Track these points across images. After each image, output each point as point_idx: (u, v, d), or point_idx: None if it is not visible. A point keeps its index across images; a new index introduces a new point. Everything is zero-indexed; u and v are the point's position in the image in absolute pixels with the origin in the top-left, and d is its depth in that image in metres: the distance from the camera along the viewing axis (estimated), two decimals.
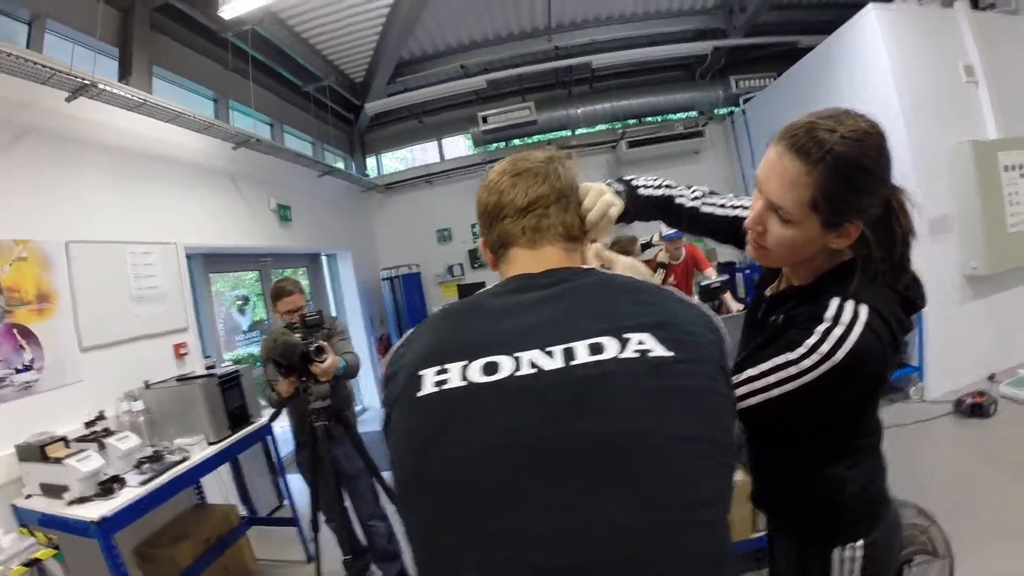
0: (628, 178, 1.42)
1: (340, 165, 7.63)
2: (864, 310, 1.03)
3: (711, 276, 5.53)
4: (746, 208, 1.30)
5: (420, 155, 9.71)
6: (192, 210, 4.82)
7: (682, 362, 0.82)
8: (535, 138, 8.86)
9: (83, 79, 3.30)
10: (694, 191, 1.47)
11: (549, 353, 0.81)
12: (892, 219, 1.07)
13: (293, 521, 3.99)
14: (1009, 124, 5.24)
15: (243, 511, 4.39)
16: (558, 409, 0.77)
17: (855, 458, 1.19)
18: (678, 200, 1.45)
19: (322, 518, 3.18)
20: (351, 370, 3.16)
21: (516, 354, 0.82)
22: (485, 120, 7.93)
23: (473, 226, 8.92)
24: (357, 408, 6.91)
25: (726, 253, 8.03)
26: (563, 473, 0.74)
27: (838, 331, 1.02)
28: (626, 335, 0.82)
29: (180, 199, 4.67)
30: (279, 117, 6.79)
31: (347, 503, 3.33)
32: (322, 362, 2.84)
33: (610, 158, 8.85)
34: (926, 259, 4.76)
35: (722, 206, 1.42)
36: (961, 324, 5.00)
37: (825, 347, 1.02)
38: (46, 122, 3.47)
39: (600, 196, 1.16)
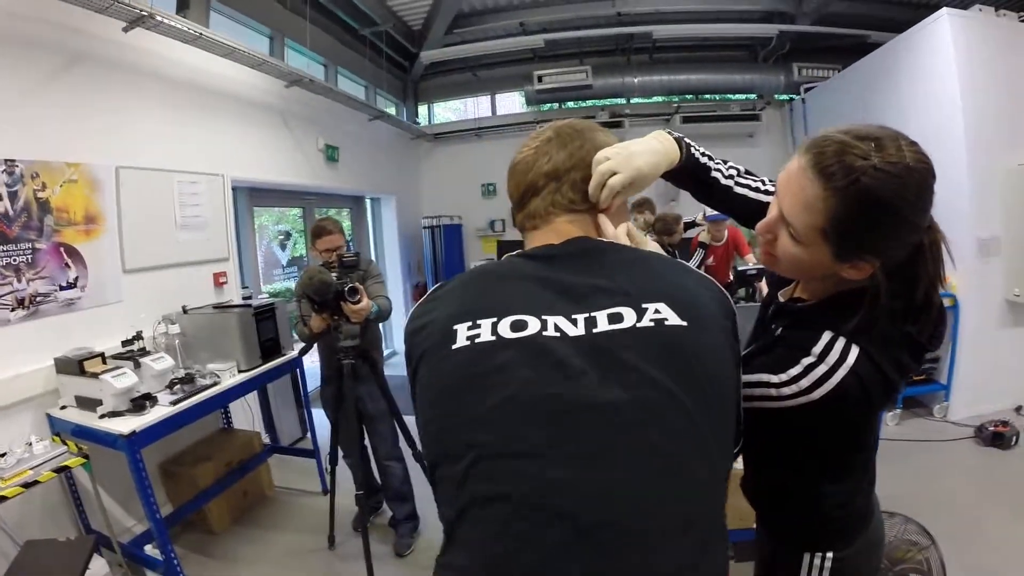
0: (680, 136, 1.30)
1: (391, 111, 7.66)
2: (854, 352, 0.98)
3: (750, 262, 5.48)
4: None
5: (472, 108, 9.67)
6: (241, 144, 4.91)
7: (695, 331, 0.85)
8: (589, 103, 8.74)
9: (141, 10, 3.35)
10: (730, 167, 1.35)
11: (573, 321, 0.86)
12: (919, 262, 0.96)
13: (313, 453, 4.15)
14: None
15: (266, 439, 4.61)
16: (580, 372, 0.81)
17: (839, 474, 1.16)
18: (714, 173, 1.33)
19: (340, 453, 3.33)
20: (383, 314, 3.22)
21: (543, 317, 0.87)
22: (540, 79, 7.82)
23: None
24: (386, 352, 7.11)
25: None
26: (583, 430, 0.78)
27: (820, 370, 0.99)
28: (644, 305, 0.86)
29: (230, 133, 4.77)
30: (334, 58, 6.80)
31: (366, 442, 3.49)
32: (355, 303, 2.92)
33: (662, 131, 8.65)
34: (971, 278, 4.63)
35: (756, 189, 1.31)
36: (996, 349, 4.82)
37: (805, 382, 1.00)
38: (102, 50, 3.53)
39: (596, 166, 1.05)
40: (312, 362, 3.95)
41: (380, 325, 3.55)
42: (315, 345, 3.47)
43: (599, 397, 0.79)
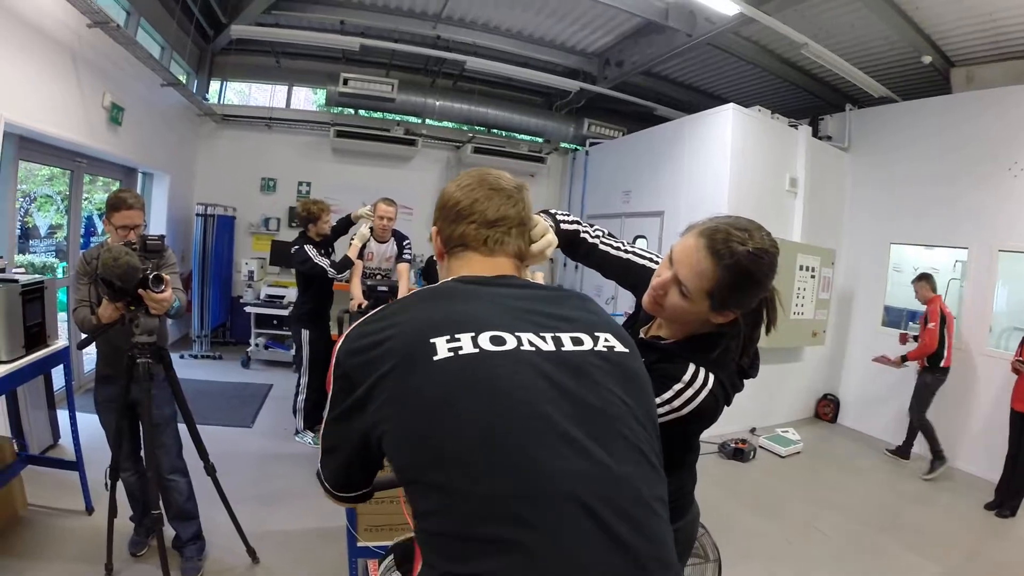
0: (552, 211, 1.63)
1: (183, 79, 6.88)
2: (712, 378, 1.35)
3: None
4: (638, 255, 1.68)
5: (260, 95, 9.11)
6: (22, 82, 4.13)
7: (633, 356, 1.09)
8: (387, 115, 8.77)
9: None
10: (596, 230, 1.72)
11: (543, 338, 1.00)
12: (764, 310, 1.43)
13: (74, 464, 3.49)
14: (810, 234, 6.47)
15: (16, 447, 3.72)
16: (561, 382, 0.94)
17: (679, 468, 1.48)
18: (583, 234, 1.70)
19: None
20: (180, 310, 2.85)
21: (516, 333, 0.98)
22: (346, 82, 7.64)
23: (301, 183, 8.59)
24: None
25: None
26: (577, 429, 0.90)
27: (689, 392, 1.33)
28: (596, 333, 1.06)
29: (13, 66, 3.99)
30: (140, 7, 5.99)
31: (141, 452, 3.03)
32: (159, 292, 2.56)
33: (451, 156, 9.07)
34: None
35: (617, 248, 1.70)
36: None
37: (676, 403, 1.32)
38: None
39: (545, 234, 1.36)
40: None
41: (168, 322, 3.12)
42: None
43: (586, 401, 0.95)
